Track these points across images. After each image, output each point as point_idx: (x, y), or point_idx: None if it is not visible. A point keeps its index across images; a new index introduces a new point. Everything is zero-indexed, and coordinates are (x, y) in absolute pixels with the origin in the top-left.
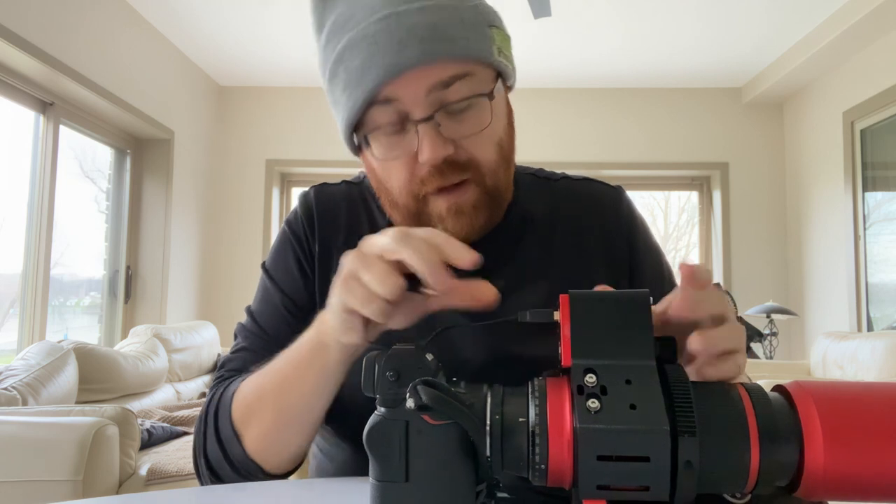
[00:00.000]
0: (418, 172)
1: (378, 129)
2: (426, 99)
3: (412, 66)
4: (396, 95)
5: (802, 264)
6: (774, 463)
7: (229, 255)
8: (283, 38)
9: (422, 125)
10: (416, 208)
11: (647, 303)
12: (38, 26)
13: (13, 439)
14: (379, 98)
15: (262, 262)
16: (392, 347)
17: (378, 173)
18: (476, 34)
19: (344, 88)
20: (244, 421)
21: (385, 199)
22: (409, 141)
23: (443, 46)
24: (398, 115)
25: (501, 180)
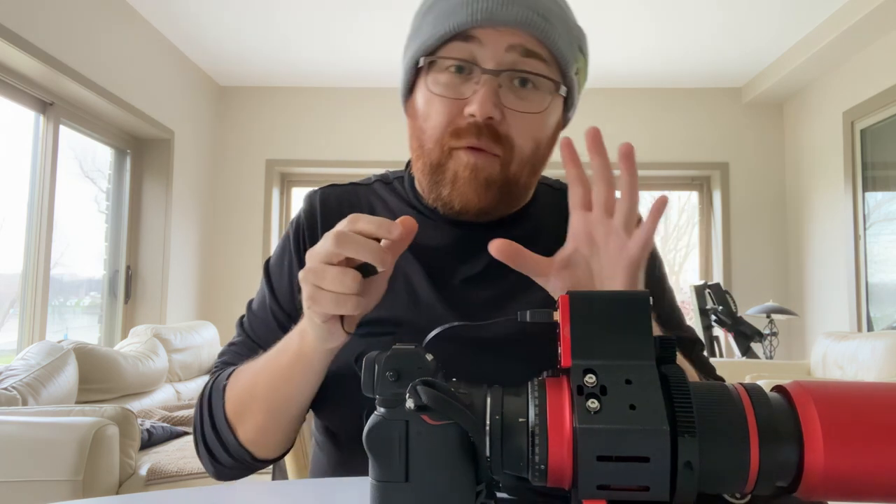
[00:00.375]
0: (457, 122)
1: (445, 61)
2: (504, 54)
3: (509, 23)
4: (480, 37)
5: (802, 264)
6: (774, 463)
7: (229, 255)
8: (284, 38)
9: (486, 76)
10: (438, 159)
11: (647, 303)
12: (38, 26)
13: (13, 439)
14: (464, 33)
15: (267, 258)
16: (392, 347)
17: (420, 111)
18: (568, 40)
19: (437, 16)
20: (237, 415)
21: (415, 144)
22: (465, 88)
23: (543, 24)
24: (470, 57)
25: (523, 178)
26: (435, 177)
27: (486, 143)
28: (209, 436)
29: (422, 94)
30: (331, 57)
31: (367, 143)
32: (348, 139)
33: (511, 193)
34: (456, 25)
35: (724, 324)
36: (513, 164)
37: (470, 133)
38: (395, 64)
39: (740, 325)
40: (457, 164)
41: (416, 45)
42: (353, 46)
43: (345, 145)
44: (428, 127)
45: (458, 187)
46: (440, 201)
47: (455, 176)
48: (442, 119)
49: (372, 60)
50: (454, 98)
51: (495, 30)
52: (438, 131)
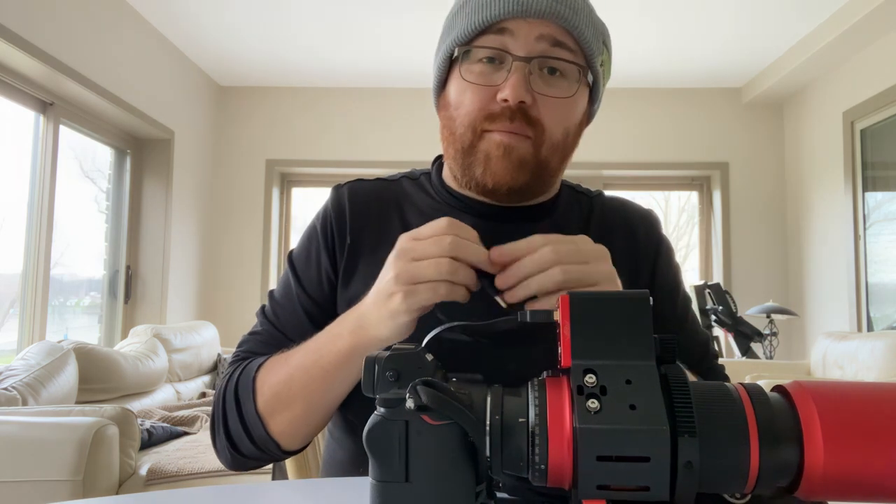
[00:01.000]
0: (491, 107)
1: (478, 51)
2: (534, 43)
3: (539, 14)
4: (511, 28)
5: (802, 264)
6: (774, 463)
7: (229, 255)
8: (284, 38)
9: (517, 63)
10: (469, 142)
11: (647, 303)
12: (39, 26)
13: (13, 439)
14: (496, 26)
15: (290, 251)
16: (392, 347)
17: (453, 101)
18: (594, 33)
19: (471, 10)
20: (271, 408)
21: (446, 133)
22: (498, 76)
23: (571, 16)
24: (503, 46)
25: (554, 161)
26: (467, 159)
27: (518, 125)
28: (234, 427)
29: (455, 85)
30: (331, 57)
31: (367, 143)
32: (348, 139)
33: (541, 177)
34: (490, 17)
35: (724, 324)
36: (544, 148)
37: (504, 117)
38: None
39: (740, 325)
40: (489, 144)
41: (451, 38)
42: (354, 46)
43: (345, 145)
44: (460, 114)
45: (490, 166)
46: (473, 181)
47: (487, 156)
48: (475, 105)
49: (373, 60)
50: (487, 85)
51: (526, 21)
52: (471, 116)
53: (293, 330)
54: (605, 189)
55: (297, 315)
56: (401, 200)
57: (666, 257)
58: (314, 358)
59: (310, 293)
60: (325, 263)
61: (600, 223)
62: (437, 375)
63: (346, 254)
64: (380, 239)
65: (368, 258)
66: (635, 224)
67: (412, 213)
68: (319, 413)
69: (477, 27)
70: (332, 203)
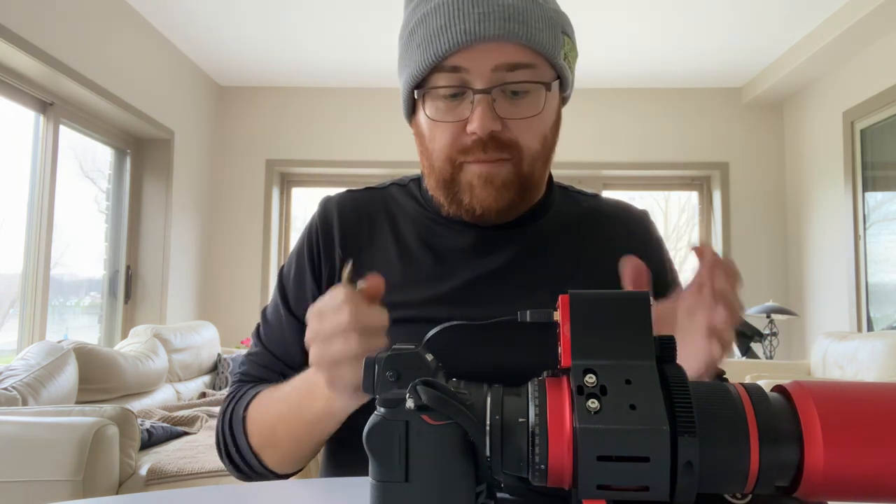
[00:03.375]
0: (462, 140)
1: (438, 90)
2: (490, 74)
3: (488, 39)
4: (464, 65)
5: (802, 264)
6: (774, 463)
7: (229, 255)
8: (284, 38)
9: (479, 96)
10: (450, 175)
11: (647, 303)
12: (38, 26)
13: (13, 439)
14: (447, 64)
15: (280, 266)
16: (392, 347)
17: (425, 133)
18: (550, 32)
19: (419, 45)
20: (261, 446)
21: (425, 163)
22: (462, 109)
23: (520, 29)
24: (460, 82)
25: (538, 171)
26: (450, 190)
27: (493, 153)
28: (234, 454)
29: (423, 120)
30: (331, 57)
31: (367, 143)
32: (348, 139)
33: (528, 189)
34: (440, 52)
35: None
36: (524, 164)
37: (476, 148)
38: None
39: (740, 325)
40: (469, 175)
41: (407, 74)
42: (354, 46)
43: (345, 145)
44: (435, 149)
45: (476, 194)
46: (462, 209)
47: (470, 185)
48: (447, 140)
49: (372, 60)
50: (454, 121)
51: (477, 51)
52: (446, 151)
53: (282, 352)
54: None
55: (284, 338)
56: (391, 208)
57: (657, 256)
58: (295, 412)
59: (297, 315)
60: (311, 285)
61: (594, 224)
62: (437, 375)
63: (339, 267)
64: (372, 250)
65: (360, 270)
66: (632, 225)
67: (403, 221)
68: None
69: (428, 66)
70: (320, 217)
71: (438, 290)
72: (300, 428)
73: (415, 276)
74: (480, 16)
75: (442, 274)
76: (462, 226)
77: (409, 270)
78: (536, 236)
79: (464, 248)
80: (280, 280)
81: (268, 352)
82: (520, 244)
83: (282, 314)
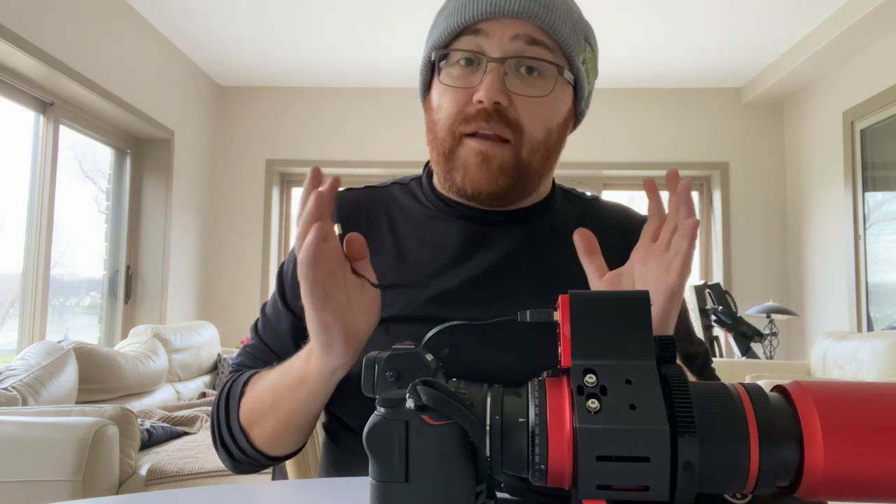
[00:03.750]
0: (466, 109)
1: (455, 54)
2: (509, 44)
3: (512, 14)
4: (486, 29)
5: (802, 264)
6: (774, 463)
7: (229, 255)
8: (284, 38)
9: (491, 64)
10: (450, 147)
11: (647, 303)
12: (39, 26)
13: (13, 439)
14: (471, 28)
15: (281, 264)
16: (392, 347)
17: (434, 102)
18: (572, 30)
19: (448, 14)
20: (249, 424)
21: (431, 133)
22: (474, 78)
23: (546, 15)
24: (478, 48)
25: (536, 162)
26: (448, 164)
27: (495, 126)
28: (226, 437)
29: (435, 89)
30: (331, 57)
31: (367, 144)
32: (349, 139)
33: (523, 178)
34: (464, 20)
35: (724, 324)
36: (524, 149)
37: (479, 118)
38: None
39: (740, 325)
40: (466, 151)
41: (431, 42)
42: (354, 47)
43: (345, 145)
44: (440, 118)
45: (469, 173)
46: (454, 188)
47: (465, 162)
48: (453, 108)
49: (372, 60)
50: (463, 87)
51: (500, 21)
52: (450, 120)
53: (277, 345)
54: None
55: (279, 331)
56: (390, 208)
57: None
58: (277, 378)
59: (293, 310)
60: None
61: (597, 227)
62: (437, 375)
63: None
64: (371, 249)
65: None
66: (633, 230)
67: (402, 220)
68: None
69: (453, 30)
70: None
71: (437, 290)
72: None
73: (413, 275)
74: None
75: (440, 273)
76: (462, 223)
77: (408, 270)
78: (537, 236)
79: (462, 247)
80: (279, 275)
81: (263, 344)
82: (520, 244)
83: (279, 308)
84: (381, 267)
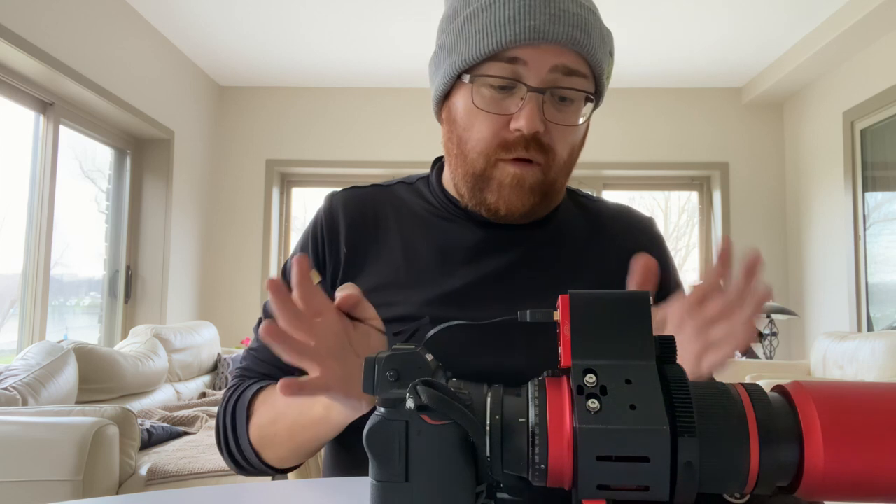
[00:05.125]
0: (504, 135)
1: (488, 79)
2: (547, 75)
3: (555, 41)
4: (524, 57)
5: (802, 264)
6: (774, 463)
7: (229, 255)
8: (285, 38)
9: (531, 94)
10: (482, 169)
11: (648, 303)
12: (38, 26)
13: (13, 439)
14: (506, 55)
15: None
16: (392, 347)
17: (461, 121)
18: (604, 50)
19: (479, 31)
20: (261, 446)
21: (455, 151)
22: (509, 103)
23: (584, 40)
24: (514, 75)
25: (560, 179)
26: (479, 184)
27: (531, 153)
28: (234, 449)
29: (463, 106)
30: (331, 57)
31: (367, 143)
32: (349, 139)
33: (549, 195)
34: (502, 44)
35: None
36: (552, 171)
37: (518, 146)
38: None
39: None
40: (502, 174)
41: (457, 56)
42: (354, 47)
43: (345, 145)
44: (472, 138)
45: (503, 195)
46: (484, 206)
47: (500, 184)
48: (487, 133)
49: (373, 60)
50: (499, 114)
51: (539, 49)
52: (484, 144)
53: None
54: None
55: None
56: (397, 206)
57: (661, 262)
58: (295, 414)
59: None
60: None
61: (600, 228)
62: (437, 375)
63: (343, 264)
64: (377, 247)
65: (365, 267)
66: (635, 230)
67: (409, 220)
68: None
69: (486, 52)
70: (325, 213)
71: (442, 290)
72: (299, 431)
73: (418, 274)
74: (551, 17)
75: (446, 273)
76: (470, 224)
77: (413, 269)
78: (542, 238)
79: (469, 248)
80: (283, 275)
81: (267, 346)
82: (525, 245)
83: None
84: (388, 265)
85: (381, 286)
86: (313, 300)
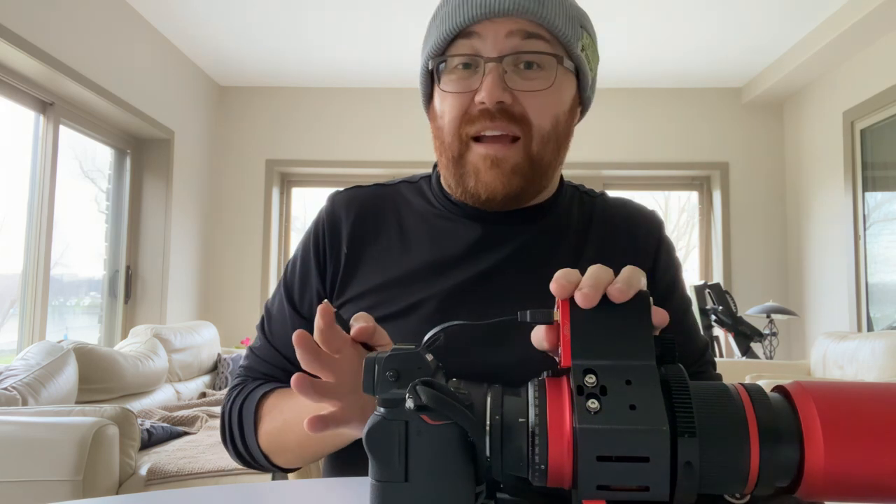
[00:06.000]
0: (470, 111)
1: (452, 60)
2: (504, 41)
3: (504, 12)
4: (479, 31)
5: (802, 264)
6: (774, 463)
7: (229, 255)
8: (285, 38)
9: (489, 64)
10: (458, 152)
11: (648, 303)
12: (38, 26)
13: (13, 439)
14: (464, 31)
15: (287, 261)
16: (392, 347)
17: (437, 110)
18: (566, 19)
19: (440, 21)
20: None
21: (437, 144)
22: (473, 80)
23: (537, 8)
24: (473, 51)
25: (548, 154)
26: (458, 170)
27: (500, 125)
28: (241, 450)
29: (437, 96)
30: (331, 57)
31: (367, 144)
32: (349, 139)
33: (536, 174)
34: (457, 24)
35: (724, 324)
36: (534, 144)
37: (483, 118)
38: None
39: (740, 325)
40: (475, 156)
41: (426, 51)
42: (354, 47)
43: (345, 145)
44: (444, 123)
45: (481, 178)
46: (467, 193)
47: (475, 167)
48: (455, 112)
49: (373, 61)
50: (464, 91)
51: (493, 21)
52: (454, 124)
53: (286, 348)
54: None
55: (287, 333)
56: (399, 206)
57: (665, 258)
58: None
59: (300, 312)
60: (316, 283)
61: (602, 223)
62: (437, 375)
63: (343, 263)
64: (377, 247)
65: (366, 266)
66: (637, 224)
67: (411, 219)
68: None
69: (447, 36)
70: (327, 212)
71: (442, 287)
72: (311, 444)
73: (418, 273)
74: None
75: (446, 271)
76: (470, 221)
77: (413, 267)
78: (544, 234)
79: (470, 245)
80: (285, 274)
81: (270, 346)
82: (526, 243)
83: (285, 309)
84: (388, 263)
85: (380, 286)
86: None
